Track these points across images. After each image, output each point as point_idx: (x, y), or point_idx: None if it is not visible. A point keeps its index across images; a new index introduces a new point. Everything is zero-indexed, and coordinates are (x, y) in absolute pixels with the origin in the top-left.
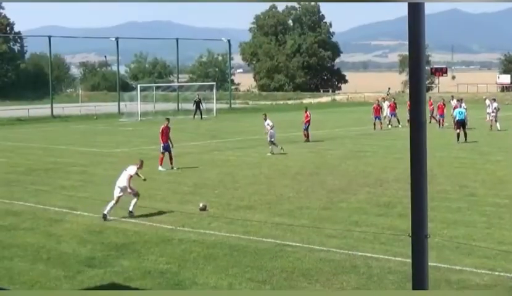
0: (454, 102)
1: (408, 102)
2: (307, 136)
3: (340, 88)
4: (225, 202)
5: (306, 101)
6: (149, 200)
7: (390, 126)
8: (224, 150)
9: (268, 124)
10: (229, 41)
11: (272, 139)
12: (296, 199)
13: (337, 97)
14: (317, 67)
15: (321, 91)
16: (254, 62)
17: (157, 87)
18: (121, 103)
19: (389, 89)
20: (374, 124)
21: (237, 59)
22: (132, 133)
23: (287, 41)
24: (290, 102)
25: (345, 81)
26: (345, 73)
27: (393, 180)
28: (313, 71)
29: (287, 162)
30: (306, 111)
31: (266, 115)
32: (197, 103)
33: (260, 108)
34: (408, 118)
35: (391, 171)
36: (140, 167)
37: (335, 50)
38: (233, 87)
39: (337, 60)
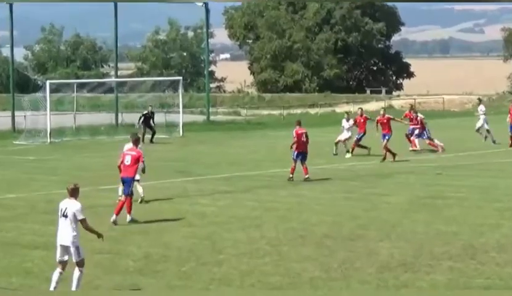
0: None
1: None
2: (305, 172)
3: (400, 87)
4: (200, 287)
5: (341, 109)
6: (65, 284)
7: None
8: (198, 195)
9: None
10: (205, 4)
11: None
12: (325, 282)
13: (396, 102)
14: (360, 50)
15: (368, 92)
16: (250, 42)
17: (80, 86)
18: (18, 114)
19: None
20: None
21: (221, 36)
22: (37, 166)
23: (308, 4)
24: (313, 110)
25: (410, 75)
26: (408, 59)
27: (495, 249)
28: (353, 57)
29: (309, 216)
30: (298, 127)
31: (139, 139)
32: (146, 118)
33: (260, 121)
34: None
35: (490, 233)
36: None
37: (392, 21)
38: (213, 85)
39: (396, 38)
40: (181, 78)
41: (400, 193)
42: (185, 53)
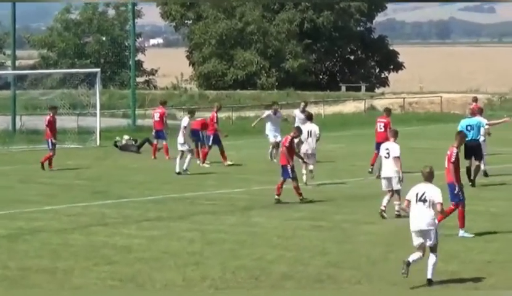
0: None
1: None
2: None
3: (385, 82)
4: None
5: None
6: None
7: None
8: (120, 223)
9: None
10: None
11: None
12: None
13: (379, 102)
14: (333, 35)
15: (343, 88)
16: (189, 23)
17: None
18: None
19: None
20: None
21: (152, 15)
22: None
23: None
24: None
25: (397, 66)
26: (396, 46)
27: None
28: (324, 43)
29: (264, 251)
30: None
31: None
32: None
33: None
34: None
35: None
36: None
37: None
38: (141, 79)
39: (380, 19)
40: (98, 69)
41: (385, 222)
42: (104, 38)
